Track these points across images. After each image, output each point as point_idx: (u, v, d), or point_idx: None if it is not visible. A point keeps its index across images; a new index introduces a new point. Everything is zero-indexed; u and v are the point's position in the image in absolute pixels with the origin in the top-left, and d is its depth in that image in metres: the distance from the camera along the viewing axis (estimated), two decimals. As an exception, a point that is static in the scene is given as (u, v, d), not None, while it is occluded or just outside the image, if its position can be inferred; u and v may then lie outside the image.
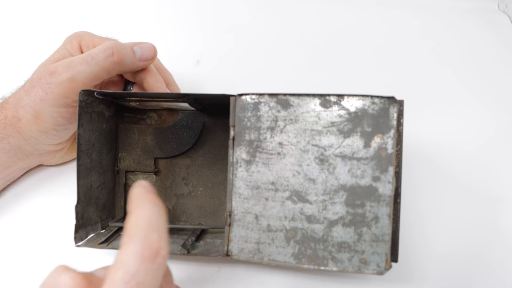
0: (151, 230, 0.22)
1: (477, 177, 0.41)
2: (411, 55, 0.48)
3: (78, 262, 0.38)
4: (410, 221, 0.39)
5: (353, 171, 0.28)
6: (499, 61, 0.47)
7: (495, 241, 0.39)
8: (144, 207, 0.23)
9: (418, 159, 0.42)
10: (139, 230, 0.22)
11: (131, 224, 0.22)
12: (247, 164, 0.29)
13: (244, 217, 0.29)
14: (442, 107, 0.44)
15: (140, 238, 0.21)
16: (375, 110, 0.28)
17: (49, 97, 0.33)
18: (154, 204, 0.24)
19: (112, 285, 0.20)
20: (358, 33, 0.49)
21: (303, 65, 0.48)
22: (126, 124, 0.39)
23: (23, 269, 0.38)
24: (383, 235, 0.27)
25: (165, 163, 0.39)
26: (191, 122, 0.38)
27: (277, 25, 0.50)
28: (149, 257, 0.21)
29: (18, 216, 0.40)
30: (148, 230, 0.22)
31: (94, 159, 0.35)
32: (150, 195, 0.24)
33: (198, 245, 0.33)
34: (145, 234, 0.22)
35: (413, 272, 0.37)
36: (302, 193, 0.29)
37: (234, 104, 0.30)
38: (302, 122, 0.29)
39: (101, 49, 0.34)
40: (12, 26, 0.50)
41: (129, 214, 0.23)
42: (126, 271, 0.20)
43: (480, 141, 0.43)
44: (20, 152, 0.36)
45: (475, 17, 0.50)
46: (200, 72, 0.47)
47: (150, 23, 0.51)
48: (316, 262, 0.28)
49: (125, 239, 0.22)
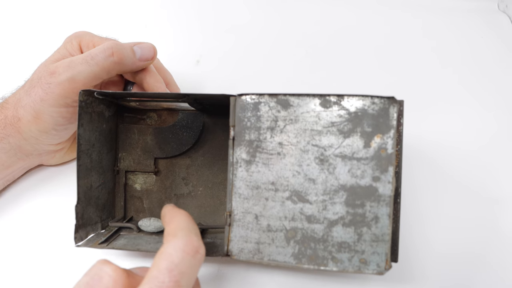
0: (191, 232, 0.26)
1: (477, 177, 0.41)
2: (411, 55, 0.48)
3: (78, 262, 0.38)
4: (410, 221, 0.39)
5: (353, 171, 0.28)
6: (499, 61, 0.47)
7: (494, 241, 0.39)
8: (181, 216, 0.27)
9: (418, 159, 0.42)
10: (182, 231, 0.26)
11: (173, 228, 0.26)
12: (247, 164, 0.29)
13: (244, 217, 0.29)
14: (442, 107, 0.44)
15: (184, 236, 0.25)
16: (375, 110, 0.28)
17: (49, 97, 0.33)
18: (188, 215, 0.28)
19: (157, 272, 0.23)
20: (359, 33, 0.49)
21: (303, 65, 0.48)
22: (126, 124, 0.39)
23: (23, 269, 0.38)
24: (383, 235, 0.27)
25: (165, 163, 0.39)
26: (191, 122, 0.38)
27: (277, 25, 0.50)
28: (191, 252, 0.24)
29: (18, 216, 0.40)
30: (189, 231, 0.26)
31: (94, 159, 0.35)
32: (182, 210, 0.29)
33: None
34: (187, 233, 0.25)
35: (413, 272, 0.37)
36: (302, 193, 0.29)
37: (234, 104, 0.30)
38: (302, 122, 0.29)
39: (101, 49, 0.34)
40: (12, 26, 0.50)
41: (168, 223, 0.27)
42: (171, 261, 0.23)
43: (480, 141, 0.43)
44: (20, 152, 0.36)
45: (475, 17, 0.50)
46: (200, 72, 0.47)
47: (150, 23, 0.51)
48: (316, 262, 0.28)
49: (169, 238, 0.25)
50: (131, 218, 0.39)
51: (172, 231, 0.26)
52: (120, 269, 0.24)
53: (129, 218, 0.39)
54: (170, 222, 0.27)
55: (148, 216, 0.39)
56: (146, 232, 0.36)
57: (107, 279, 0.23)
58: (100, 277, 0.23)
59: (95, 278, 0.23)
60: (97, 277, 0.23)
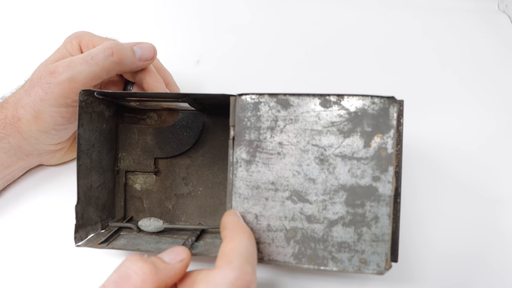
0: (247, 261, 0.24)
1: (477, 177, 0.41)
2: (411, 55, 0.48)
3: (78, 262, 0.38)
4: (410, 221, 0.39)
5: (353, 171, 0.28)
6: (499, 61, 0.47)
7: (495, 241, 0.39)
8: (242, 236, 0.25)
9: (418, 159, 0.42)
10: (239, 259, 0.23)
11: (231, 249, 0.24)
12: (247, 164, 0.29)
13: (244, 217, 0.29)
14: (442, 107, 0.44)
15: (238, 267, 0.23)
16: (375, 110, 0.28)
17: (49, 97, 0.33)
18: (251, 236, 0.26)
19: None
20: (359, 33, 0.49)
21: (303, 65, 0.48)
22: (126, 124, 0.39)
23: (24, 269, 0.38)
24: (383, 235, 0.27)
25: (165, 163, 0.39)
26: (191, 122, 0.38)
27: (277, 25, 0.50)
28: (241, 287, 0.22)
29: (18, 216, 0.40)
30: (245, 261, 0.23)
31: (94, 159, 0.35)
32: (246, 226, 0.26)
33: (198, 245, 0.33)
34: (241, 264, 0.23)
35: (413, 272, 0.37)
36: (302, 193, 0.29)
37: (234, 104, 0.30)
38: (302, 122, 0.29)
39: (101, 49, 0.34)
40: (12, 26, 0.50)
41: (226, 240, 0.25)
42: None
43: (480, 141, 0.43)
44: (20, 151, 0.36)
45: (475, 17, 0.50)
46: (200, 72, 0.47)
47: (150, 23, 0.51)
48: (316, 262, 0.28)
49: (222, 262, 0.23)
50: (131, 218, 0.39)
51: (228, 255, 0.24)
52: (148, 265, 0.23)
53: (129, 218, 0.39)
54: (230, 240, 0.25)
55: (148, 216, 0.39)
56: (146, 232, 0.36)
57: (135, 278, 0.22)
58: (128, 275, 0.23)
59: (123, 277, 0.23)
60: (125, 276, 0.23)
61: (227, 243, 0.25)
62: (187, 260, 0.26)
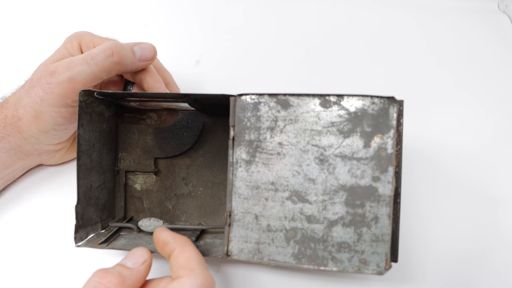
0: (204, 267, 0.26)
1: (477, 176, 0.41)
2: (411, 55, 0.48)
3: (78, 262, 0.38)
4: (410, 221, 0.39)
5: (353, 171, 0.28)
6: (499, 61, 0.47)
7: (495, 241, 0.39)
8: (191, 246, 0.27)
9: (418, 159, 0.42)
10: (199, 266, 0.26)
11: (187, 260, 0.26)
12: (247, 164, 0.29)
13: (244, 217, 0.29)
14: (442, 107, 0.44)
15: (201, 273, 0.25)
16: (375, 110, 0.28)
17: (49, 97, 0.33)
18: (194, 245, 0.28)
19: None
20: (359, 33, 0.49)
21: (303, 65, 0.48)
22: (126, 124, 0.39)
23: (23, 269, 0.38)
24: (383, 235, 0.27)
25: (165, 163, 0.39)
26: (191, 122, 0.38)
27: (276, 25, 0.50)
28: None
29: (18, 216, 0.40)
30: (203, 267, 0.26)
31: (94, 159, 0.35)
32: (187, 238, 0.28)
33: (198, 245, 0.33)
34: (202, 270, 0.26)
35: (413, 272, 0.37)
36: (302, 193, 0.29)
37: (234, 104, 0.30)
38: (302, 122, 0.29)
39: (101, 49, 0.34)
40: (12, 26, 0.50)
41: (176, 252, 0.27)
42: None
43: (480, 141, 0.43)
44: (20, 151, 0.36)
45: (474, 17, 0.50)
46: (200, 72, 0.47)
47: (150, 23, 0.51)
48: (316, 262, 0.28)
49: (184, 272, 0.25)
50: (131, 218, 0.39)
51: (187, 264, 0.26)
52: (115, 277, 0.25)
53: (129, 218, 0.39)
54: (181, 252, 0.27)
55: (148, 216, 0.39)
56: (146, 232, 0.36)
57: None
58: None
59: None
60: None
61: (179, 254, 0.27)
62: (149, 260, 0.28)
